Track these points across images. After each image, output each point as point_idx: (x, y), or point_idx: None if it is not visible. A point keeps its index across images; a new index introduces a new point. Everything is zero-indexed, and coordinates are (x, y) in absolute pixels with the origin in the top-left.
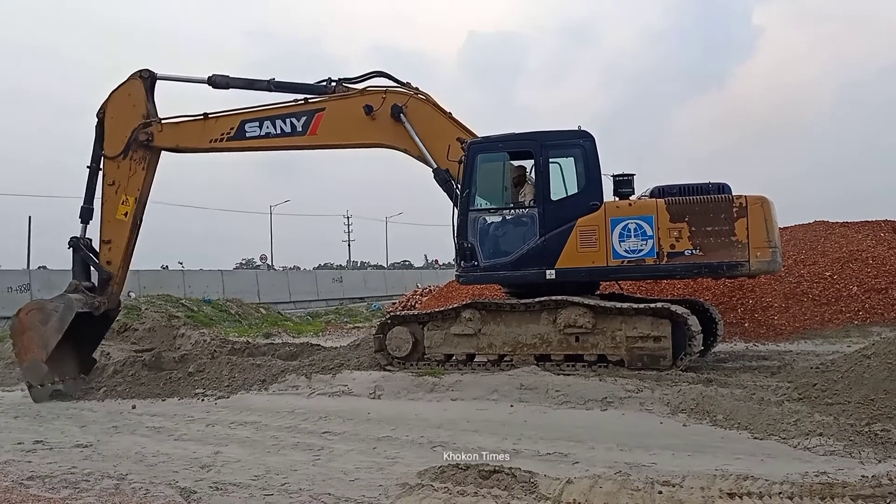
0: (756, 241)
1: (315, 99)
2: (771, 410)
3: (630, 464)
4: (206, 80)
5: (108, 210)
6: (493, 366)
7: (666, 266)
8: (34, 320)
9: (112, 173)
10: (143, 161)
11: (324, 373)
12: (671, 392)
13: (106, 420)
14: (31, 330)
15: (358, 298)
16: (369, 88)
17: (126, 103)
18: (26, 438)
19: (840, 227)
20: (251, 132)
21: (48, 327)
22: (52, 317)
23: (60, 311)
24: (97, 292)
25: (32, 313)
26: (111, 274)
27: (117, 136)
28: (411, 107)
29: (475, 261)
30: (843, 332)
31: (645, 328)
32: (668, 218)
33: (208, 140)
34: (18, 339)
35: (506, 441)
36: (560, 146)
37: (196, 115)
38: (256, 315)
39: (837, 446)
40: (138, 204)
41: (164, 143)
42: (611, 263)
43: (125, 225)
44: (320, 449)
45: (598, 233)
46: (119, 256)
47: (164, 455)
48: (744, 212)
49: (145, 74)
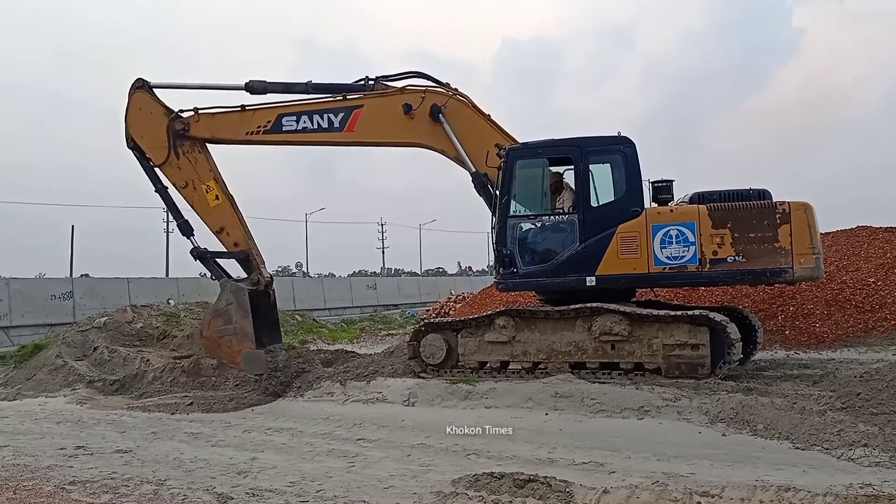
0: (800, 248)
1: (353, 96)
2: (813, 420)
3: (668, 474)
4: (244, 87)
5: (200, 207)
6: (528, 373)
7: (708, 273)
8: (218, 327)
9: (175, 176)
10: (195, 148)
11: (358, 380)
12: (710, 401)
13: (146, 426)
14: (223, 336)
15: (392, 305)
16: (409, 87)
17: (143, 115)
18: (68, 444)
19: (884, 231)
20: (288, 126)
21: (235, 321)
22: (231, 311)
23: (235, 300)
24: (248, 272)
25: (213, 323)
26: (245, 252)
27: (156, 146)
28: (450, 108)
29: (514, 267)
30: (888, 340)
31: (682, 336)
32: (710, 224)
33: (244, 132)
34: (219, 354)
35: (541, 450)
36: (600, 152)
37: (233, 106)
38: (292, 322)
39: (883, 457)
40: (219, 183)
41: (201, 132)
42: (652, 270)
43: (224, 206)
44: (355, 456)
45: (639, 239)
46: (239, 233)
47: (201, 461)
48: (787, 218)
49: (139, 84)
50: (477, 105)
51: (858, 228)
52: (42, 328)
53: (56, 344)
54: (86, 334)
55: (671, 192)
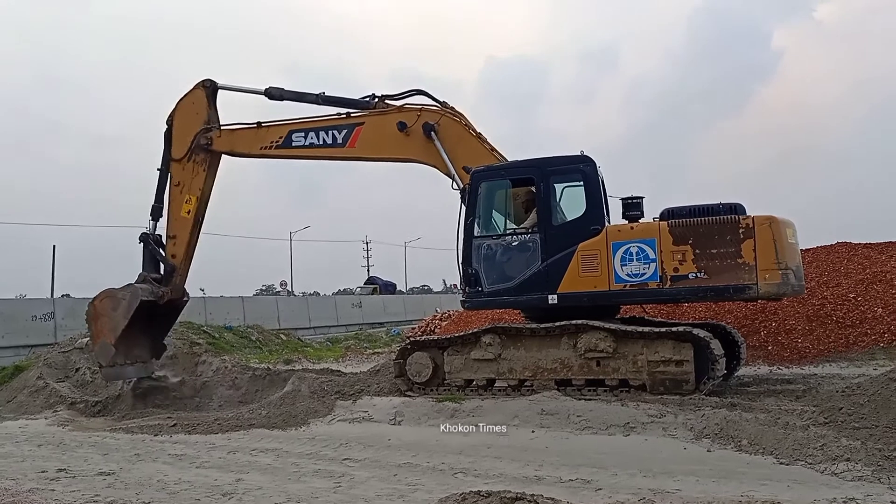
0: (764, 263)
1: (356, 113)
2: (797, 435)
3: (654, 490)
4: (263, 92)
5: (173, 208)
6: (514, 391)
7: (670, 290)
8: (106, 307)
9: (177, 174)
10: (204, 163)
11: (344, 399)
12: (694, 417)
13: (128, 447)
14: (103, 315)
15: (377, 324)
16: (406, 106)
17: (191, 111)
18: (50, 466)
19: (863, 248)
20: (297, 141)
21: (117, 313)
22: (120, 304)
23: (128, 298)
24: (163, 283)
25: (105, 301)
26: (175, 266)
27: (182, 140)
28: (443, 125)
29: (479, 286)
30: (869, 355)
31: (667, 352)
32: (671, 241)
33: (259, 147)
34: (93, 324)
35: (528, 467)
36: (561, 172)
37: (250, 123)
38: (277, 341)
39: (866, 471)
40: (200, 202)
41: (222, 147)
42: (613, 288)
43: (188, 222)
44: (341, 476)
45: (599, 257)
46: (182, 250)
47: (185, 483)
48: (750, 233)
49: (207, 84)
50: (470, 123)
51: (838, 245)
52: (23, 349)
53: (37, 365)
54: (67, 355)
55: (641, 208)
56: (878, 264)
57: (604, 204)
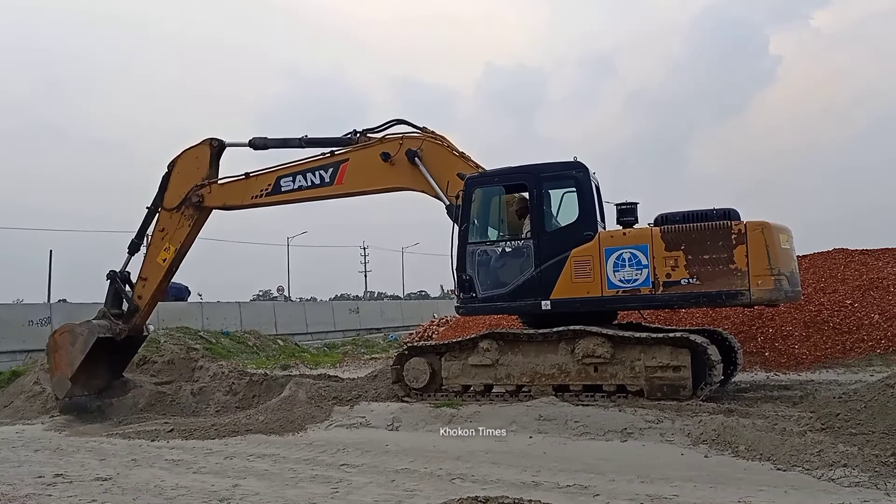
0: (757, 269)
1: (340, 151)
2: (794, 441)
3: (651, 496)
4: (248, 143)
5: (152, 252)
6: (512, 396)
7: (662, 296)
8: (65, 341)
9: (164, 221)
10: (192, 219)
11: (341, 404)
12: (692, 423)
13: (125, 453)
14: (62, 349)
15: (375, 329)
16: (387, 137)
17: (192, 164)
18: (46, 472)
19: (860, 254)
20: (286, 186)
21: (75, 348)
22: (78, 339)
23: (85, 335)
24: (123, 320)
25: (64, 335)
26: (138, 307)
27: (178, 190)
28: (426, 149)
29: (473, 292)
30: (866, 361)
31: (664, 358)
32: (663, 246)
33: (250, 197)
34: (52, 356)
35: (525, 473)
36: (554, 178)
37: (238, 175)
38: (274, 346)
39: (862, 477)
40: (177, 254)
41: (214, 202)
42: (605, 293)
43: (162, 269)
44: (338, 481)
45: (592, 263)
46: (149, 294)
47: (182, 488)
48: (743, 238)
49: (215, 143)
50: (452, 144)
51: (835, 251)
52: (19, 354)
53: (34, 370)
54: None
55: (635, 214)
56: (875, 270)
57: (597, 210)
